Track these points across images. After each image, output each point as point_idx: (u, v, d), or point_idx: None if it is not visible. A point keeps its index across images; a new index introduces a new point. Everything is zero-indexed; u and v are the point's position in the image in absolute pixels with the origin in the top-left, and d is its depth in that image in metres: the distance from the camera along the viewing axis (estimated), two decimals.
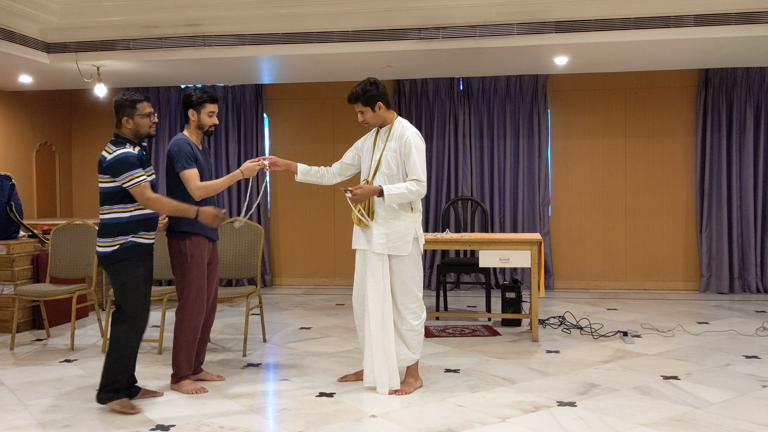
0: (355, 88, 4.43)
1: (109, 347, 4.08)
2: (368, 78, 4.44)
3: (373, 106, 4.37)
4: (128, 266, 4.02)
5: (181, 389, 4.42)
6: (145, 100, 4.17)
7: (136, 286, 4.06)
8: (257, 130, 8.91)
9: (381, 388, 4.32)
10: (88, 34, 6.85)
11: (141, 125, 4.12)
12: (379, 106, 4.37)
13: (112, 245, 4.02)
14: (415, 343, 4.40)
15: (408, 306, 4.34)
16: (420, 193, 4.23)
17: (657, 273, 8.39)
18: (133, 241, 4.03)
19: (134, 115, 4.10)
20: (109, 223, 4.04)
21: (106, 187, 4.05)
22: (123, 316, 4.06)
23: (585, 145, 8.50)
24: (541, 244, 5.77)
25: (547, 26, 6.29)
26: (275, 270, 9.00)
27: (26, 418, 4.00)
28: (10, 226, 6.52)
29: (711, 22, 6.08)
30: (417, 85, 8.61)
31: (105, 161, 4.02)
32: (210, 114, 4.50)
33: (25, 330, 6.32)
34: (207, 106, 4.49)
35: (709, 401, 4.14)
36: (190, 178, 4.32)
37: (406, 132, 4.33)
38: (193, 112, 4.48)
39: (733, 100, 8.10)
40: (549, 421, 3.83)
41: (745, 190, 8.10)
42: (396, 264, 4.31)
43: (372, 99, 4.36)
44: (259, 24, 6.62)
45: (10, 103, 8.36)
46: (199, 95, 4.48)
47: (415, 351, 4.41)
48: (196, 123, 4.50)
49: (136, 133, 4.13)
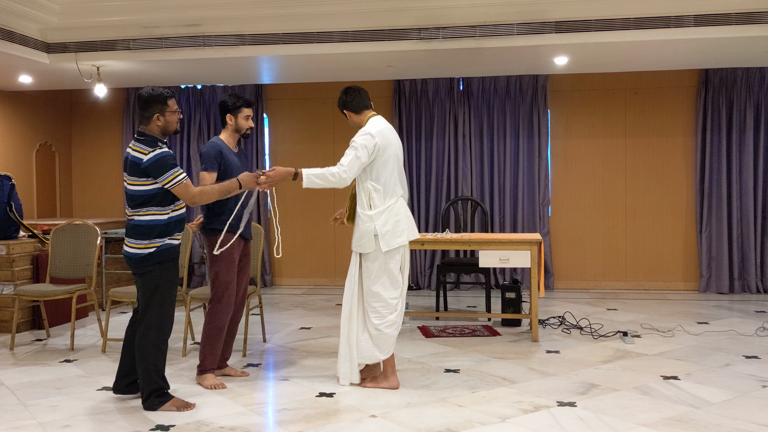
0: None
1: (142, 358, 4.03)
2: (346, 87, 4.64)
3: (345, 113, 4.62)
4: (164, 268, 4.02)
5: (203, 382, 4.53)
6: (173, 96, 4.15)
7: (169, 289, 4.06)
8: (257, 130, 8.90)
9: (342, 379, 4.50)
10: (88, 34, 6.85)
11: (170, 122, 4.08)
12: (347, 114, 4.60)
13: (148, 247, 3.98)
14: (381, 343, 4.42)
15: (371, 305, 4.42)
16: (340, 177, 4.30)
17: (657, 273, 8.39)
18: (168, 243, 4.03)
19: (165, 111, 4.05)
20: (147, 225, 3.98)
21: (143, 190, 3.96)
22: (150, 323, 4.02)
23: (585, 145, 8.50)
24: (541, 244, 5.77)
25: (547, 26, 6.29)
26: (275, 270, 9.00)
27: (26, 418, 3.99)
28: (10, 226, 6.52)
29: (711, 22, 6.08)
30: (417, 85, 8.61)
31: (142, 163, 3.92)
32: (246, 117, 4.71)
33: (25, 330, 6.32)
34: (243, 111, 4.70)
35: (709, 401, 4.14)
36: (202, 180, 4.52)
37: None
38: (231, 117, 4.69)
39: (733, 100, 8.10)
40: (549, 421, 3.83)
41: (745, 190, 8.10)
42: (364, 262, 4.44)
43: (341, 106, 4.61)
44: (259, 24, 6.62)
45: (10, 103, 8.36)
46: (234, 101, 4.68)
47: (381, 351, 4.42)
48: (233, 127, 4.71)
49: (164, 131, 4.08)
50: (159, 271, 4.01)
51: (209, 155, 4.55)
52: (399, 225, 4.41)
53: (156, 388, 4.06)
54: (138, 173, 3.95)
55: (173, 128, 4.11)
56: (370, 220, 4.37)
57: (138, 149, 3.97)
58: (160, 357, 4.07)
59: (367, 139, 4.37)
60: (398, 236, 4.39)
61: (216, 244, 4.44)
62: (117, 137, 9.26)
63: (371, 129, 4.43)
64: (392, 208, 4.41)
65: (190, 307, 5.51)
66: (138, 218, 4.00)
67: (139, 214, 3.99)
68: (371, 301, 4.41)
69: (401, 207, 4.48)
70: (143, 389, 4.07)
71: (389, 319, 4.40)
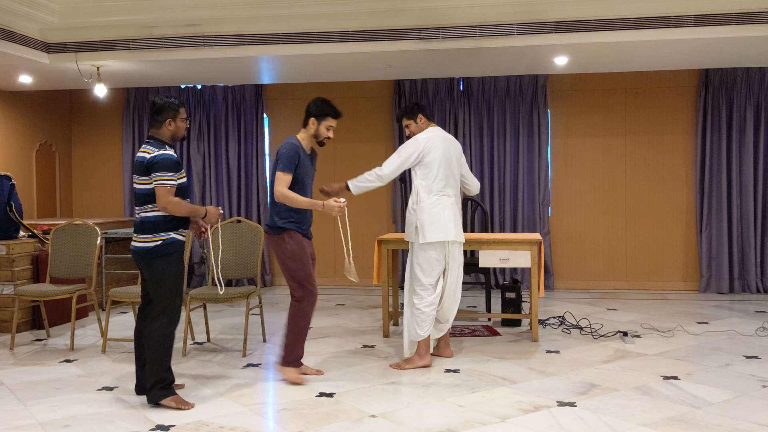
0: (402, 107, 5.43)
1: (149, 345, 4.13)
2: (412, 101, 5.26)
3: (415, 119, 5.11)
4: (169, 261, 4.16)
5: (285, 375, 4.66)
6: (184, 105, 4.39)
7: (176, 279, 4.20)
8: (257, 130, 8.91)
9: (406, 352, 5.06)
10: (88, 34, 6.85)
11: (180, 128, 4.30)
12: (420, 118, 5.11)
13: (154, 240, 4.14)
14: (420, 321, 4.92)
15: (413, 287, 4.97)
16: (376, 175, 4.94)
17: (657, 273, 8.40)
18: (173, 237, 4.17)
19: (177, 118, 4.25)
20: (152, 221, 4.15)
21: (145, 188, 4.15)
22: (158, 310, 4.15)
23: (585, 145, 8.50)
24: (541, 244, 5.77)
25: (547, 26, 6.30)
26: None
27: (26, 418, 4.00)
28: (10, 226, 6.52)
29: (711, 22, 6.08)
30: (417, 85, 8.61)
31: (145, 160, 4.12)
32: (328, 128, 4.72)
33: (25, 330, 6.32)
34: (328, 120, 4.71)
35: (709, 401, 4.14)
36: (279, 180, 4.54)
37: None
38: (314, 121, 4.68)
39: (733, 100, 8.10)
40: (549, 421, 3.83)
41: (745, 190, 8.10)
42: (411, 249, 5.04)
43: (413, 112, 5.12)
44: (259, 24, 6.62)
45: (10, 103, 8.36)
46: (323, 108, 4.68)
47: (420, 329, 4.92)
48: (313, 131, 4.70)
49: (173, 136, 4.29)
50: (165, 263, 4.15)
51: (288, 156, 4.56)
52: (437, 222, 4.87)
53: (159, 379, 4.12)
54: (141, 171, 4.14)
55: (182, 134, 4.33)
56: (413, 213, 4.94)
57: (146, 150, 4.17)
58: (166, 346, 4.16)
59: (411, 143, 4.98)
60: (437, 232, 4.86)
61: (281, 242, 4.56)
62: (117, 137, 9.26)
63: (420, 135, 5.04)
64: (434, 206, 4.89)
65: (190, 306, 5.51)
66: (144, 214, 4.19)
67: (145, 211, 4.18)
68: (413, 283, 4.96)
69: (446, 207, 4.93)
70: (148, 379, 4.14)
71: (428, 300, 4.91)
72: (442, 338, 5.23)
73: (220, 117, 8.97)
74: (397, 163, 4.95)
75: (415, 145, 4.96)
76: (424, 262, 4.91)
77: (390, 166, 4.95)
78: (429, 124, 5.13)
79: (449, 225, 4.91)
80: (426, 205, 4.90)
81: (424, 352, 4.96)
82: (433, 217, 4.87)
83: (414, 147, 4.95)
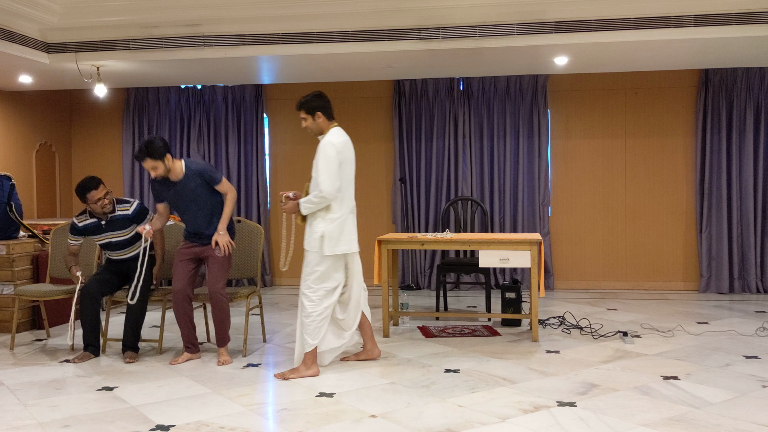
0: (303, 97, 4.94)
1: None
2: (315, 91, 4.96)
3: (313, 116, 4.85)
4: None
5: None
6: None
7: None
8: (257, 130, 8.91)
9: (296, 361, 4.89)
10: (88, 34, 6.85)
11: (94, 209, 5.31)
12: (319, 116, 4.84)
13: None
14: (310, 331, 4.77)
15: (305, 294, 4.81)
16: (324, 201, 4.70)
17: (657, 273, 8.40)
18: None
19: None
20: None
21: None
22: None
23: (585, 146, 8.51)
24: (541, 244, 5.77)
25: (547, 26, 6.30)
26: (275, 270, 9.00)
27: (26, 418, 3.99)
28: (10, 226, 6.52)
29: (711, 22, 6.08)
30: (417, 85, 8.61)
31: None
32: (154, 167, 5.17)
33: (25, 330, 6.32)
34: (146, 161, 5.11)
35: (709, 401, 4.14)
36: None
37: (324, 139, 4.81)
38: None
39: (733, 100, 8.10)
40: (549, 421, 3.83)
41: (745, 190, 8.10)
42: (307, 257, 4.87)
43: (313, 109, 4.85)
44: (259, 24, 6.62)
45: (10, 103, 8.36)
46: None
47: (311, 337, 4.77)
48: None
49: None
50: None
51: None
52: (345, 233, 4.78)
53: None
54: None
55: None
56: (321, 223, 4.75)
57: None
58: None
59: (330, 150, 4.72)
60: (344, 244, 4.78)
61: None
62: (117, 137, 9.26)
63: (335, 140, 4.78)
64: (345, 217, 4.79)
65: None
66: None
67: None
68: (308, 291, 4.80)
69: (353, 219, 4.88)
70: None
71: (322, 306, 4.77)
72: (368, 339, 5.11)
73: (220, 117, 8.97)
74: (332, 176, 4.66)
75: (334, 151, 4.72)
76: (326, 271, 4.77)
77: (328, 185, 4.65)
78: (331, 124, 4.88)
79: (353, 236, 4.86)
80: (337, 216, 4.75)
81: (311, 362, 4.77)
82: (342, 229, 4.76)
83: (334, 153, 4.71)
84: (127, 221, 5.40)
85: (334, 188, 4.67)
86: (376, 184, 8.81)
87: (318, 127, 4.86)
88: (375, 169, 8.79)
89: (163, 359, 5.27)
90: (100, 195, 5.23)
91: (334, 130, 4.86)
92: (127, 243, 5.45)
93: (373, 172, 8.78)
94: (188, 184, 5.12)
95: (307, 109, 4.84)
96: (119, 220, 5.38)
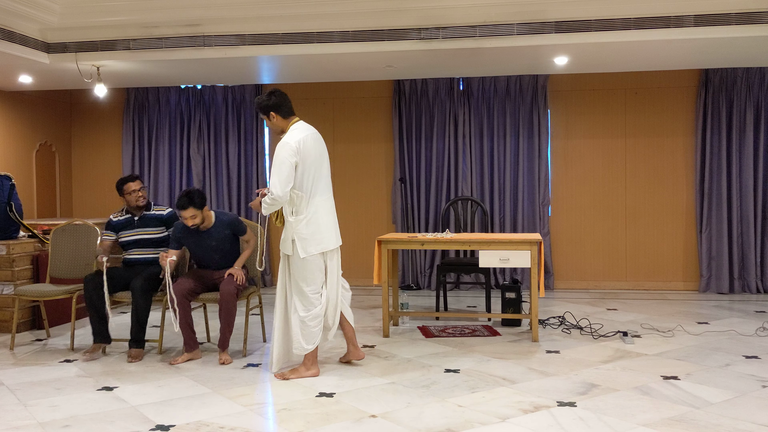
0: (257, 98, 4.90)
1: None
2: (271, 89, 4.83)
3: (268, 116, 4.76)
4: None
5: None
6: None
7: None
8: (257, 130, 8.91)
9: (273, 368, 4.83)
10: (88, 34, 6.85)
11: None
12: (273, 117, 4.75)
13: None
14: (306, 335, 4.72)
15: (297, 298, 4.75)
16: (275, 203, 4.60)
17: (657, 273, 8.39)
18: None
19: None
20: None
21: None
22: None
23: (585, 146, 8.50)
24: (541, 244, 5.77)
25: (547, 26, 6.29)
26: (275, 270, 8.98)
27: (26, 418, 4.00)
28: (10, 226, 6.52)
29: (711, 22, 6.08)
30: (417, 85, 8.61)
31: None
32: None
33: (25, 330, 6.32)
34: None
35: (709, 401, 4.14)
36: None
37: (281, 140, 4.67)
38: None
39: (733, 100, 8.10)
40: (549, 421, 3.83)
41: (745, 190, 8.10)
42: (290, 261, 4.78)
43: (266, 109, 4.74)
44: (259, 24, 6.62)
45: (10, 103, 8.36)
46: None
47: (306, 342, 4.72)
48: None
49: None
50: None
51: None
52: (318, 233, 4.67)
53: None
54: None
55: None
56: (291, 226, 4.68)
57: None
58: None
59: (284, 150, 4.58)
60: (317, 244, 4.67)
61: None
62: (117, 137, 9.26)
63: (291, 139, 4.62)
64: (313, 216, 4.66)
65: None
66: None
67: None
68: (298, 297, 4.74)
69: (324, 215, 4.72)
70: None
71: (314, 312, 4.71)
72: (349, 341, 5.03)
73: (220, 117, 8.97)
74: (283, 180, 4.53)
75: (288, 151, 4.56)
76: (307, 274, 4.68)
77: (278, 188, 4.52)
78: (290, 121, 4.76)
79: (330, 233, 4.74)
80: (303, 216, 4.64)
81: (311, 363, 4.77)
82: (313, 229, 4.65)
83: (288, 154, 4.56)
84: (159, 222, 5.68)
85: (284, 191, 4.54)
86: (376, 184, 8.81)
87: (277, 127, 4.77)
88: (375, 169, 8.79)
89: (163, 359, 5.27)
90: (136, 187, 5.60)
91: (294, 127, 4.73)
92: (153, 243, 5.63)
93: (373, 172, 8.78)
94: (215, 234, 5.38)
95: (261, 110, 4.77)
96: (152, 219, 5.66)
